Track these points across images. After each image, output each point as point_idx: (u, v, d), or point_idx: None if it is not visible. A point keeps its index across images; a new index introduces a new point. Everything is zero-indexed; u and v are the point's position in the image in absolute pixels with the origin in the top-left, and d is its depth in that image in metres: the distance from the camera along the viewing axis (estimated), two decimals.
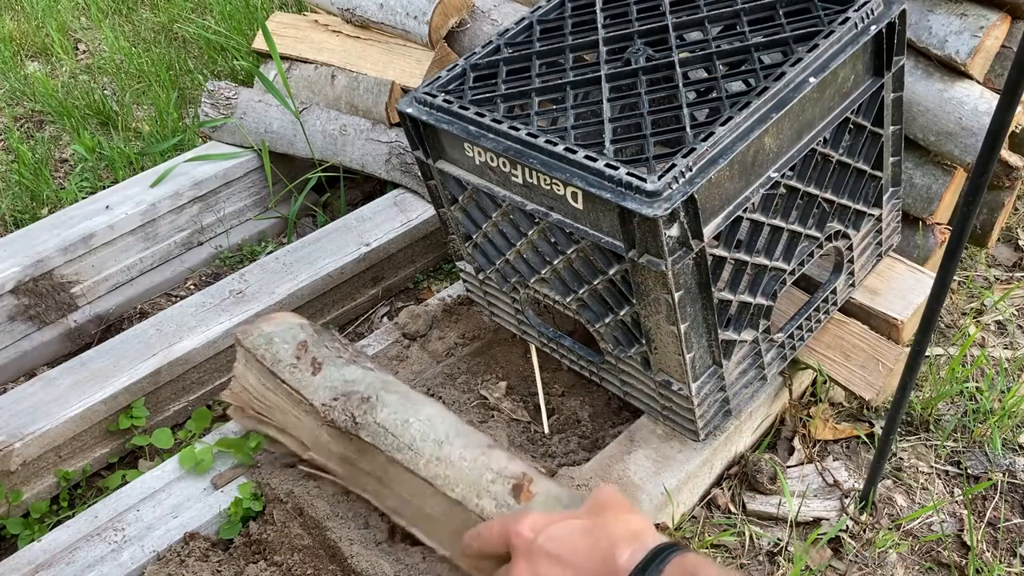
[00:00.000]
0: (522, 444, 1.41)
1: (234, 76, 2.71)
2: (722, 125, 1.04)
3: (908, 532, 1.38)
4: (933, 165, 1.53)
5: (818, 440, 1.50)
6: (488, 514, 1.02)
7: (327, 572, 1.20)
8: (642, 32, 1.27)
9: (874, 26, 1.17)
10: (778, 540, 1.37)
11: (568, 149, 1.08)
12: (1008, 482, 1.44)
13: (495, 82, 1.28)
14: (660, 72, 1.18)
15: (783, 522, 1.39)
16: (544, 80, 1.25)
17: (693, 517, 1.39)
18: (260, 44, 2.14)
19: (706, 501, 1.42)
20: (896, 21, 1.19)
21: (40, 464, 1.47)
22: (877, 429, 1.51)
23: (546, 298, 1.33)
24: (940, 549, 1.35)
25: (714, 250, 1.09)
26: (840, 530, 1.37)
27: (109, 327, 1.89)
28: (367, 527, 1.24)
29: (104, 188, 2.06)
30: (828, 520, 1.39)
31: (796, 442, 1.50)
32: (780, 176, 1.13)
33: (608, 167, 1.03)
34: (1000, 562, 1.33)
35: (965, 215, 0.99)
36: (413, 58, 1.91)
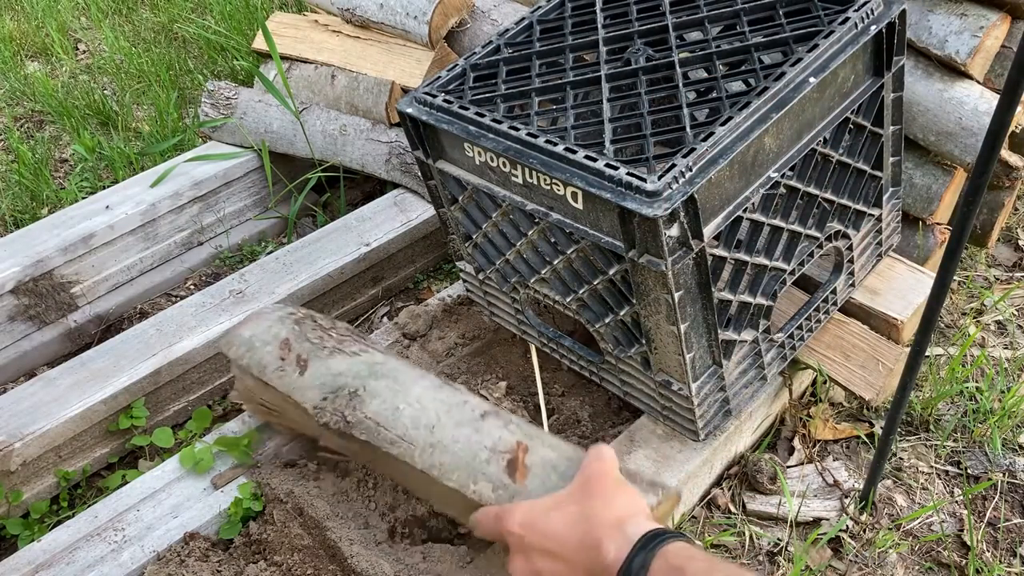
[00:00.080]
0: None
1: (234, 76, 2.71)
2: (722, 125, 1.04)
3: (908, 532, 1.38)
4: (933, 165, 1.53)
5: (818, 440, 1.51)
6: (486, 499, 1.03)
7: (327, 572, 1.20)
8: (642, 32, 1.27)
9: (874, 26, 1.17)
10: (778, 540, 1.37)
11: (568, 149, 1.08)
12: (1008, 482, 1.44)
13: (495, 82, 1.28)
14: (660, 72, 1.19)
15: (783, 522, 1.39)
16: (544, 80, 1.25)
17: (693, 517, 1.39)
18: (260, 44, 2.14)
19: (706, 501, 1.42)
20: (896, 21, 1.19)
21: (40, 464, 1.47)
22: (877, 429, 1.51)
23: (546, 298, 1.33)
24: (940, 549, 1.35)
25: (714, 250, 1.09)
26: (840, 530, 1.37)
27: (109, 327, 1.89)
28: (367, 527, 1.25)
29: (104, 188, 2.06)
30: (828, 520, 1.39)
31: (796, 442, 1.50)
32: (780, 176, 1.13)
33: (608, 167, 1.03)
34: (1000, 562, 1.33)
35: (965, 215, 0.99)
36: (413, 58, 1.91)
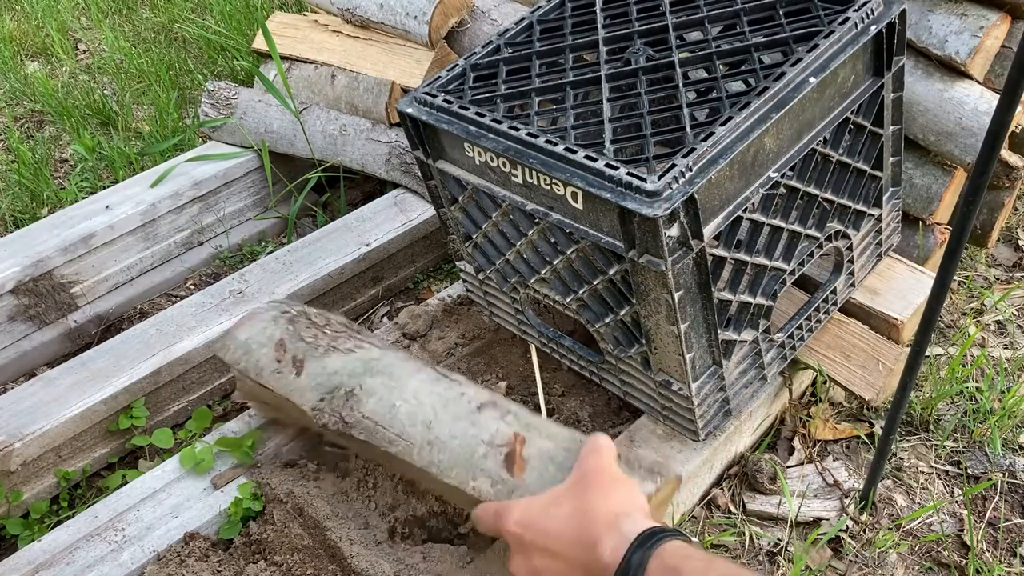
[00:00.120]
0: None
1: (234, 76, 2.71)
2: (722, 125, 1.04)
3: (908, 532, 1.38)
4: (933, 165, 1.53)
5: (818, 440, 1.51)
6: (485, 495, 1.04)
7: (327, 572, 1.20)
8: (642, 32, 1.27)
9: (874, 26, 1.17)
10: (778, 540, 1.37)
11: (568, 149, 1.08)
12: (1008, 482, 1.44)
13: (495, 82, 1.28)
14: (660, 72, 1.19)
15: (783, 522, 1.39)
16: (544, 80, 1.25)
17: (693, 517, 1.39)
18: (260, 44, 2.14)
19: (706, 501, 1.42)
20: (896, 21, 1.19)
21: (40, 464, 1.47)
22: (877, 429, 1.51)
23: (546, 298, 1.33)
24: (940, 549, 1.35)
25: (714, 250, 1.09)
26: (840, 530, 1.37)
27: (109, 327, 1.89)
28: (367, 527, 1.25)
29: (104, 188, 2.06)
30: (828, 520, 1.39)
31: (796, 442, 1.50)
32: (780, 176, 1.13)
33: (608, 167, 1.03)
34: (1000, 562, 1.33)
35: (965, 215, 0.99)
36: (413, 58, 1.91)
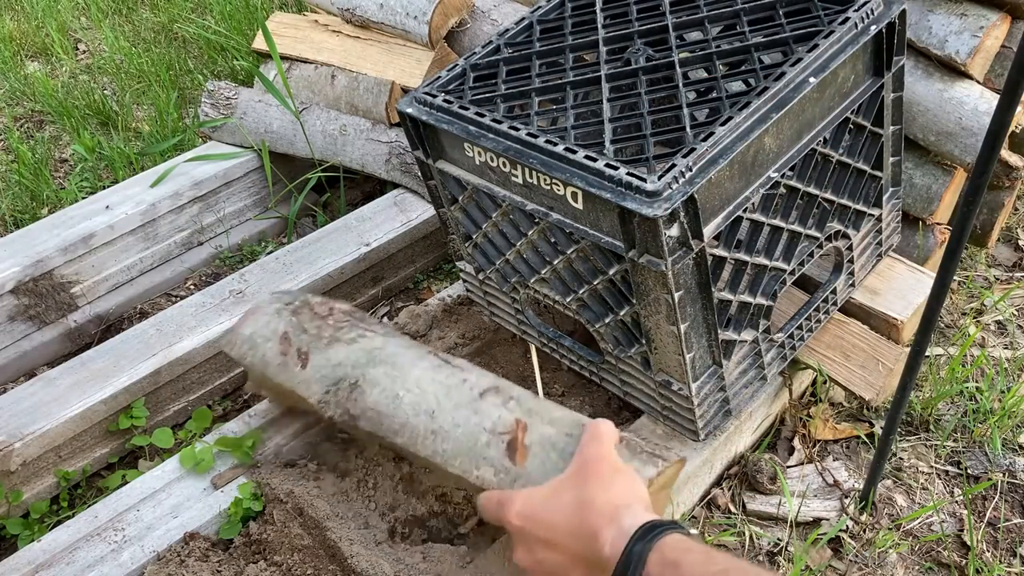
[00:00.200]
0: None
1: (234, 76, 2.71)
2: (722, 125, 1.04)
3: (908, 532, 1.38)
4: (933, 165, 1.53)
5: (818, 440, 1.51)
6: (488, 483, 1.05)
7: (327, 572, 1.20)
8: (642, 32, 1.27)
9: (874, 26, 1.17)
10: (778, 540, 1.37)
11: (568, 149, 1.08)
12: (1008, 482, 1.44)
13: (495, 82, 1.28)
14: (660, 72, 1.18)
15: (783, 522, 1.39)
16: (544, 80, 1.25)
17: (693, 517, 1.39)
18: (260, 44, 2.14)
19: (706, 501, 1.42)
20: (896, 21, 1.19)
21: (40, 464, 1.47)
22: (877, 429, 1.51)
23: (546, 298, 1.33)
24: (940, 549, 1.35)
25: (714, 250, 1.09)
26: (840, 530, 1.37)
27: (109, 327, 1.89)
28: (367, 527, 1.25)
29: (104, 188, 2.06)
30: (828, 520, 1.39)
31: (796, 442, 1.50)
32: (780, 176, 1.13)
33: (608, 167, 1.03)
34: (1000, 562, 1.33)
35: (965, 215, 0.99)
36: (413, 58, 1.91)
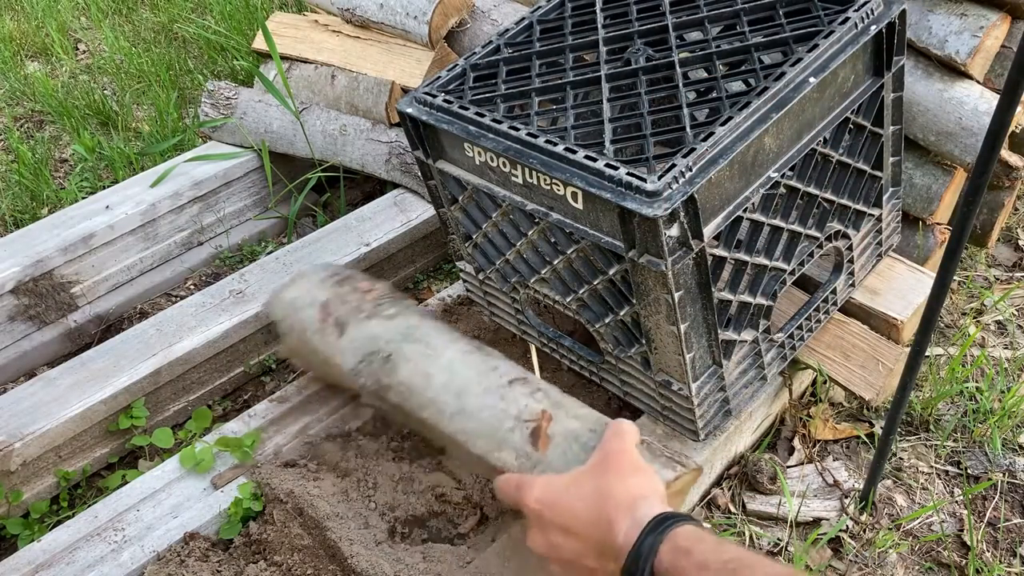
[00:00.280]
0: None
1: (234, 76, 2.71)
2: (722, 125, 1.04)
3: (908, 532, 1.38)
4: (933, 165, 1.53)
5: (818, 440, 1.51)
6: (508, 466, 1.06)
7: (327, 572, 1.20)
8: (642, 32, 1.27)
9: (874, 26, 1.17)
10: (778, 540, 1.37)
11: (568, 149, 1.08)
12: (1008, 482, 1.44)
13: (495, 82, 1.28)
14: (660, 72, 1.18)
15: (783, 522, 1.39)
16: (544, 80, 1.25)
17: None
18: (260, 44, 2.14)
19: (706, 501, 1.42)
20: (896, 21, 1.19)
21: (40, 464, 1.47)
22: (877, 429, 1.51)
23: (546, 298, 1.33)
24: (940, 549, 1.35)
25: (714, 250, 1.09)
26: (840, 530, 1.37)
27: (109, 327, 1.89)
28: (367, 527, 1.25)
29: (104, 188, 2.06)
30: (828, 520, 1.39)
31: (796, 442, 1.50)
32: (780, 176, 1.13)
33: (608, 167, 1.03)
34: (1000, 562, 1.33)
35: (965, 215, 0.99)
36: (413, 58, 1.91)
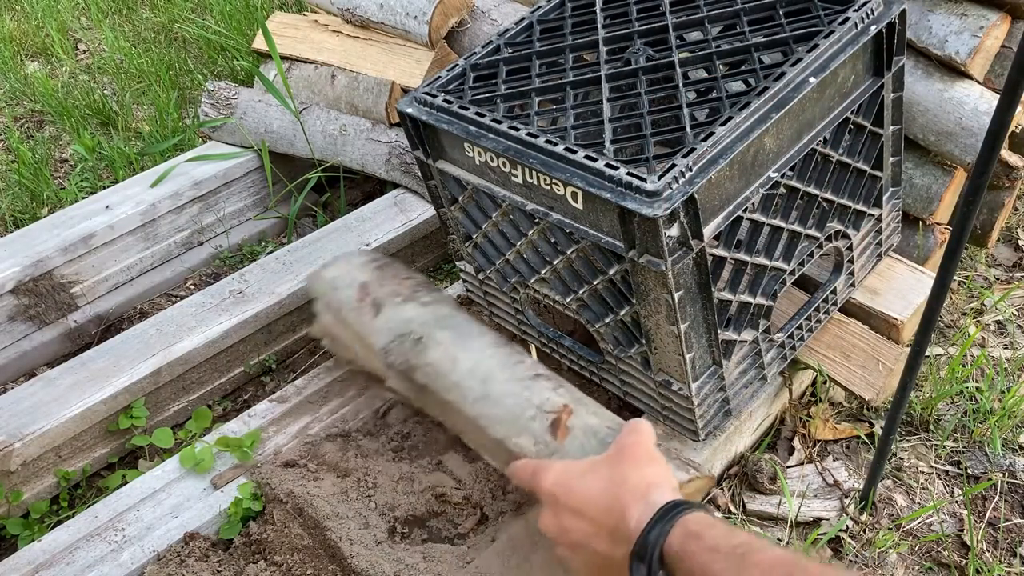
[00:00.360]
0: None
1: (234, 76, 2.71)
2: (722, 125, 1.04)
3: (908, 532, 1.38)
4: (933, 165, 1.53)
5: (818, 440, 1.51)
6: (526, 451, 1.07)
7: (327, 572, 1.20)
8: (642, 32, 1.27)
9: (874, 26, 1.17)
10: (778, 540, 1.37)
11: (568, 149, 1.08)
12: (1008, 482, 1.44)
13: (495, 82, 1.28)
14: (660, 72, 1.19)
15: (783, 522, 1.39)
16: (544, 80, 1.25)
17: None
18: (260, 44, 2.14)
19: (706, 501, 1.42)
20: (896, 21, 1.19)
21: (40, 464, 1.47)
22: (877, 429, 1.51)
23: (546, 298, 1.33)
24: (940, 549, 1.35)
25: (714, 250, 1.09)
26: (840, 530, 1.37)
27: (109, 327, 1.89)
28: (367, 527, 1.25)
29: (104, 188, 2.06)
30: (828, 520, 1.39)
31: (796, 442, 1.50)
32: (780, 176, 1.13)
33: (608, 167, 1.03)
34: (1000, 562, 1.33)
35: (965, 215, 0.99)
36: (413, 58, 1.91)
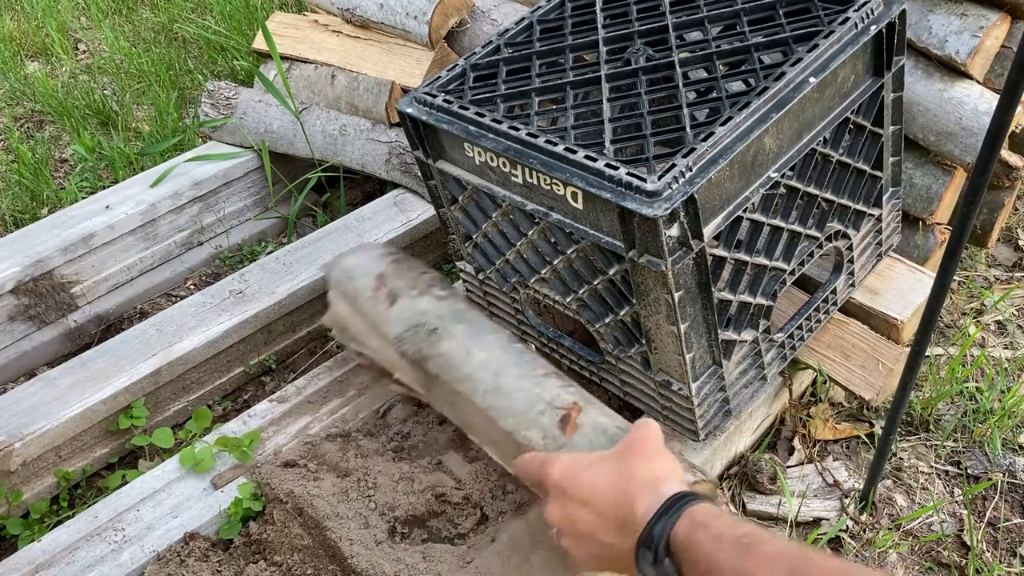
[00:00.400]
0: None
1: (234, 76, 2.71)
2: (722, 125, 1.04)
3: (908, 532, 1.38)
4: (933, 165, 1.53)
5: (818, 440, 1.51)
6: (534, 444, 1.08)
7: (327, 572, 1.20)
8: (642, 32, 1.27)
9: (874, 26, 1.17)
10: None
11: (568, 149, 1.08)
12: (1008, 482, 1.44)
13: (495, 82, 1.28)
14: (660, 72, 1.18)
15: (783, 522, 1.39)
16: (544, 80, 1.25)
17: None
18: (260, 44, 2.14)
19: None
20: (896, 21, 1.19)
21: (40, 464, 1.47)
22: (877, 429, 1.51)
23: (546, 298, 1.33)
24: (940, 549, 1.35)
25: (714, 250, 1.09)
26: (840, 530, 1.37)
27: (109, 327, 1.89)
28: (367, 527, 1.25)
29: (104, 188, 2.06)
30: (828, 520, 1.39)
31: (796, 442, 1.50)
32: (780, 176, 1.13)
33: (608, 167, 1.03)
34: (1000, 562, 1.33)
35: (965, 215, 0.99)
36: (413, 58, 1.91)
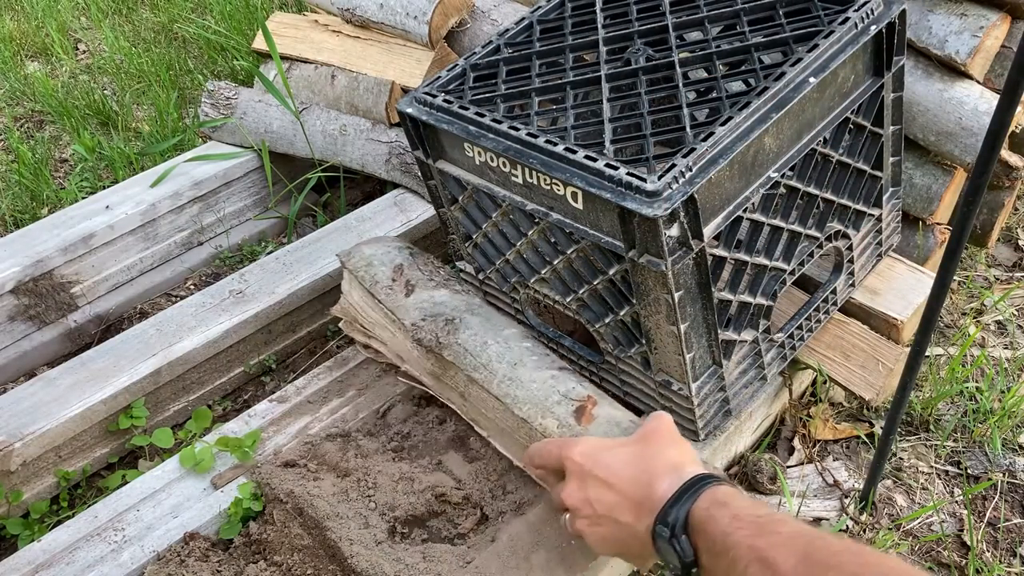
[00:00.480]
0: None
1: (234, 76, 2.71)
2: (722, 125, 1.04)
3: (908, 532, 1.38)
4: (933, 165, 1.53)
5: (818, 440, 1.51)
6: (550, 432, 1.09)
7: (327, 572, 1.20)
8: (642, 32, 1.27)
9: (874, 26, 1.17)
10: None
11: (568, 149, 1.08)
12: (1008, 482, 1.44)
13: (495, 82, 1.28)
14: (660, 72, 1.19)
15: None
16: (544, 80, 1.25)
17: None
18: (260, 44, 2.14)
19: None
20: (896, 21, 1.19)
21: (40, 464, 1.47)
22: (877, 429, 1.51)
23: (546, 298, 1.33)
24: (940, 549, 1.35)
25: (714, 250, 1.09)
26: (840, 530, 1.37)
27: (109, 327, 1.89)
28: (367, 527, 1.25)
29: (104, 188, 2.06)
30: (828, 520, 1.39)
31: (796, 442, 1.50)
32: (780, 176, 1.13)
33: (608, 167, 1.03)
34: (1000, 562, 1.33)
35: (965, 215, 0.99)
36: (413, 58, 1.91)
